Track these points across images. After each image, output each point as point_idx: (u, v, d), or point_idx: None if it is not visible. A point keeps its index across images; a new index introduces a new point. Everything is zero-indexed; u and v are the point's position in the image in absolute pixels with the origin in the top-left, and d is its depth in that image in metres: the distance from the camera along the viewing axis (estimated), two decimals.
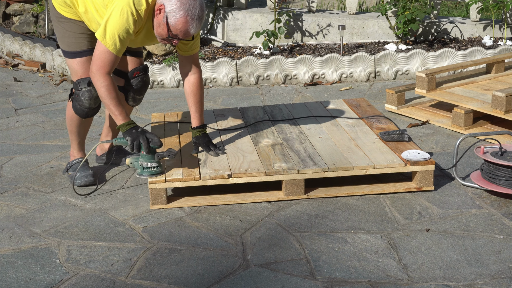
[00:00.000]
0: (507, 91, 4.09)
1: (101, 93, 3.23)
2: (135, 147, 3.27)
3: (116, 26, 3.14)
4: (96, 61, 3.21)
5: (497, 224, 3.08)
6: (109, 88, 3.22)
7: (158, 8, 3.17)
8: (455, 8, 8.44)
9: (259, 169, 3.36)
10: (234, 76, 5.72)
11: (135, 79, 3.70)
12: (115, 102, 3.24)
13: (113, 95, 3.23)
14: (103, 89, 3.21)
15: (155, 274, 2.75)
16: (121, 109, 3.27)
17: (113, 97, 3.23)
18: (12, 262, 2.89)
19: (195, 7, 3.13)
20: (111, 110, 3.26)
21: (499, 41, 5.77)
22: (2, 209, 3.45)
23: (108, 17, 3.16)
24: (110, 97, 3.23)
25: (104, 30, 3.16)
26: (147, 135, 3.28)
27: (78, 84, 3.46)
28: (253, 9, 6.55)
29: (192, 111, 3.57)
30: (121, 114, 3.26)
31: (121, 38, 3.16)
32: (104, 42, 3.16)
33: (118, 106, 3.25)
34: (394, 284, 2.63)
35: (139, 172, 3.34)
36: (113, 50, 3.18)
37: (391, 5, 5.88)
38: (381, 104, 4.92)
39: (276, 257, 2.85)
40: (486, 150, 3.44)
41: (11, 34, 7.07)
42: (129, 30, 3.15)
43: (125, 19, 3.13)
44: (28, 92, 5.75)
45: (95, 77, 3.22)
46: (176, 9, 3.11)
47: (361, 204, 3.32)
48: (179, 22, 3.13)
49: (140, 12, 3.16)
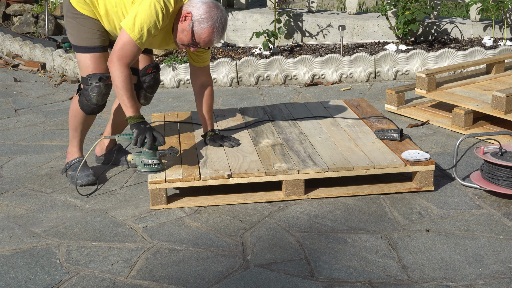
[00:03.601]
0: (507, 92, 4.09)
1: (118, 83, 3.24)
2: (139, 142, 3.28)
3: (146, 19, 3.18)
4: (119, 51, 3.23)
5: (497, 225, 3.08)
6: (127, 79, 3.25)
7: (185, 14, 3.25)
8: (455, 9, 8.44)
9: (259, 169, 3.36)
10: (234, 76, 5.72)
11: (148, 76, 3.73)
12: (129, 93, 3.27)
13: (129, 87, 3.26)
14: (121, 78, 3.23)
15: (155, 274, 2.75)
16: (134, 102, 3.30)
17: (128, 88, 3.26)
18: (12, 263, 2.89)
19: (222, 19, 3.23)
20: (124, 101, 3.27)
21: (499, 41, 5.77)
22: (2, 209, 3.46)
23: (137, 10, 3.20)
24: (125, 88, 3.25)
25: (133, 21, 3.19)
26: (154, 132, 3.32)
27: (89, 79, 3.48)
28: (253, 9, 6.55)
29: (207, 118, 3.69)
30: (132, 107, 3.28)
31: (149, 31, 3.20)
32: (132, 34, 3.20)
33: (131, 98, 3.28)
34: (394, 285, 2.63)
35: (140, 168, 3.36)
36: (139, 42, 3.22)
37: (391, 6, 5.88)
38: (381, 105, 4.92)
39: (276, 257, 2.85)
40: (486, 150, 3.44)
41: (11, 35, 7.07)
42: (157, 25, 3.20)
43: (154, 12, 3.19)
44: (28, 93, 5.75)
45: (115, 66, 3.23)
46: (205, 19, 3.19)
47: (361, 204, 3.32)
48: (204, 32, 3.21)
49: (168, 10, 3.22)
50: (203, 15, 3.20)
